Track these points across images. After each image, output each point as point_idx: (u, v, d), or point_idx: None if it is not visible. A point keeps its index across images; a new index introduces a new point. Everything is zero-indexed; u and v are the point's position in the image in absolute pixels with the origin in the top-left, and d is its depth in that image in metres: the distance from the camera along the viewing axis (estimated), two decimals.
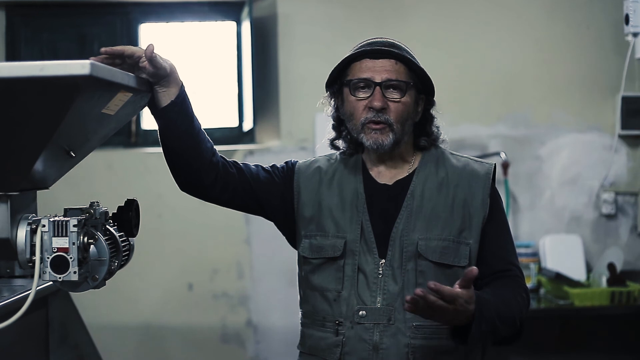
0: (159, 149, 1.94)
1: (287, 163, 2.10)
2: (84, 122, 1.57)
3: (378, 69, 1.93)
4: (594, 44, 4.09)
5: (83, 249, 1.54)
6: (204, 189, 1.99)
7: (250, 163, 2.07)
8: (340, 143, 2.07)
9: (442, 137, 2.07)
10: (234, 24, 4.27)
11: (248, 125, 4.13)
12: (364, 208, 1.97)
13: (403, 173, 2.01)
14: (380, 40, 1.98)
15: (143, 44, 3.61)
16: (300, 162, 2.09)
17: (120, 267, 1.68)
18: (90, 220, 1.59)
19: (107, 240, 1.60)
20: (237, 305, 4.06)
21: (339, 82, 2.00)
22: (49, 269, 1.52)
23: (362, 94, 1.94)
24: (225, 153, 2.05)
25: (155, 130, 1.94)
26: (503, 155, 4.01)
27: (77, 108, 1.45)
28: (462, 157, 2.05)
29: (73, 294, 2.50)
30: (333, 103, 2.05)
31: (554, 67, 4.11)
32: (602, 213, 4.09)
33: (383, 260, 1.92)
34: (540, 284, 3.87)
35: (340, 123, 2.05)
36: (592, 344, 3.80)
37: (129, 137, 4.18)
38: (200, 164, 1.94)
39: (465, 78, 4.06)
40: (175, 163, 1.95)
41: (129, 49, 1.76)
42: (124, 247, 1.68)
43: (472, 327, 1.75)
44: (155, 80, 1.82)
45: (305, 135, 4.03)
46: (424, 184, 1.98)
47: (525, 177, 4.09)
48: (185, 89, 1.88)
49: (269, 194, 2.03)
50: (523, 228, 4.08)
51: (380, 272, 1.92)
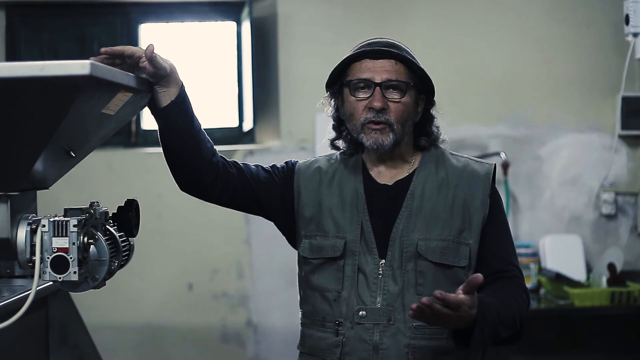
0: (159, 149, 1.94)
1: (287, 163, 2.10)
2: (84, 122, 1.57)
3: (378, 70, 1.93)
4: (594, 44, 4.09)
5: (83, 249, 1.54)
6: (204, 189, 1.99)
7: (250, 163, 2.07)
8: (341, 143, 2.07)
9: (442, 137, 2.07)
10: (234, 24, 4.27)
11: (248, 125, 4.13)
12: (364, 208, 1.97)
13: (403, 173, 2.01)
14: (380, 41, 1.97)
15: (143, 44, 3.61)
16: (301, 162, 2.09)
17: (120, 267, 1.68)
18: (90, 221, 1.59)
19: (107, 241, 1.60)
20: (237, 305, 4.06)
21: (339, 82, 2.00)
22: (49, 269, 1.52)
23: (362, 94, 1.94)
24: (225, 153, 2.05)
25: (155, 130, 1.94)
26: (503, 156, 4.01)
27: (77, 108, 1.45)
28: (462, 157, 2.05)
29: (73, 294, 2.50)
30: (333, 103, 2.04)
31: (554, 67, 4.10)
32: (602, 213, 4.09)
33: (383, 261, 1.92)
34: (540, 284, 3.86)
35: (341, 123, 2.05)
36: (592, 344, 3.80)
37: (129, 137, 4.18)
38: (200, 164, 1.93)
39: (465, 78, 4.06)
40: (175, 163, 1.95)
41: (129, 49, 1.76)
42: (124, 247, 1.68)
43: (474, 331, 1.75)
44: (155, 80, 1.82)
45: (305, 136, 4.03)
46: (424, 184, 1.98)
47: (525, 177, 4.09)
48: (185, 89, 1.88)
49: (269, 194, 2.03)
50: (523, 228, 4.08)
51: (380, 272, 1.92)
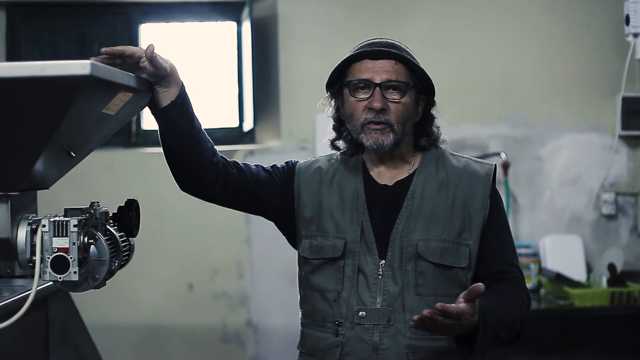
0: (159, 149, 1.94)
1: (287, 163, 2.10)
2: (84, 122, 1.57)
3: (378, 70, 1.93)
4: (595, 45, 4.09)
5: (83, 249, 1.54)
6: (204, 189, 1.98)
7: (251, 163, 2.07)
8: (341, 143, 2.07)
9: (442, 137, 2.06)
10: (234, 24, 4.27)
11: (248, 126, 4.13)
12: (364, 208, 1.97)
13: (403, 173, 2.01)
14: (380, 41, 1.97)
15: (143, 44, 3.61)
16: (301, 162, 2.09)
17: (121, 267, 1.68)
18: (91, 221, 1.59)
19: (107, 241, 1.60)
20: (237, 305, 4.06)
21: (339, 82, 2.00)
22: (49, 269, 1.52)
23: (362, 95, 1.94)
24: (226, 153, 2.05)
25: (156, 131, 1.94)
26: (503, 156, 4.01)
27: (77, 108, 1.45)
28: (462, 157, 2.05)
29: (73, 294, 2.50)
30: (333, 104, 2.04)
31: (554, 67, 4.10)
32: (602, 213, 4.09)
33: (383, 261, 1.92)
34: (541, 285, 3.86)
35: (341, 123, 2.05)
36: (592, 344, 3.79)
37: (129, 137, 4.18)
38: (201, 164, 1.93)
39: (465, 78, 4.06)
40: (176, 163, 1.94)
41: (129, 49, 1.76)
42: (124, 247, 1.68)
43: (477, 337, 1.75)
44: (156, 81, 1.81)
45: (306, 136, 4.03)
46: (424, 185, 1.97)
47: (526, 177, 4.09)
48: (186, 89, 1.88)
49: (269, 194, 2.03)
50: (523, 228, 4.08)
51: (380, 272, 1.92)
